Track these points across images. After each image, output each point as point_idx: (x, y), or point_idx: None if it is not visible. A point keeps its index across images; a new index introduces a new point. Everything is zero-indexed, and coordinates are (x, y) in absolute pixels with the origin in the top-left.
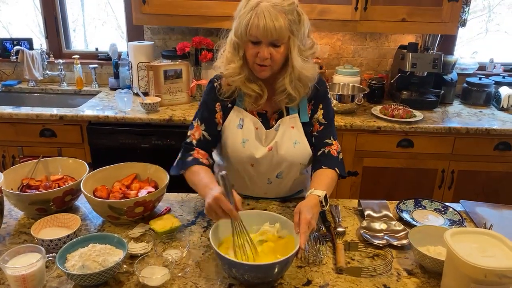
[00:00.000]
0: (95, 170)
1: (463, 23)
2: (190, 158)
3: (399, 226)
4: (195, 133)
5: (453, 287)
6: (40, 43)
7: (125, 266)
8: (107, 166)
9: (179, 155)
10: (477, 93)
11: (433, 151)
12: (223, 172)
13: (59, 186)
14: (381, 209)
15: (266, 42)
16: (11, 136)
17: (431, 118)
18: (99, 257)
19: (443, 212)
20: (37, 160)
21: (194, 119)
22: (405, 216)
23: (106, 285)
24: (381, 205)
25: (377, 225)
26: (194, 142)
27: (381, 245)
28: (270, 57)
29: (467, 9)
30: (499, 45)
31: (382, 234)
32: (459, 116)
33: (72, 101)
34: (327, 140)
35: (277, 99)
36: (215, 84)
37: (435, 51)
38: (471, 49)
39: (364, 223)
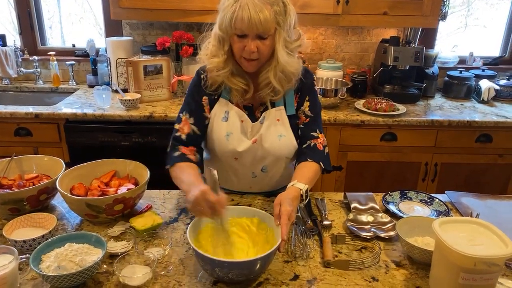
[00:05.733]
0: (72, 168)
1: (444, 17)
2: (176, 154)
3: (386, 218)
4: (184, 127)
5: (442, 277)
6: (14, 39)
7: (104, 266)
8: (85, 163)
9: (168, 149)
10: (458, 86)
11: (416, 144)
12: (215, 171)
13: (33, 185)
14: (367, 201)
15: (252, 35)
16: None
17: (414, 111)
18: (76, 257)
19: (429, 203)
20: (10, 158)
21: (181, 112)
22: (392, 207)
23: (85, 286)
24: (367, 197)
25: (364, 218)
26: (183, 136)
27: (368, 237)
28: (257, 50)
29: (447, 2)
30: (478, 39)
31: (369, 226)
32: (441, 109)
33: (49, 99)
34: (313, 133)
35: (262, 93)
36: (202, 76)
37: (416, 44)
38: (451, 43)
39: (351, 216)
